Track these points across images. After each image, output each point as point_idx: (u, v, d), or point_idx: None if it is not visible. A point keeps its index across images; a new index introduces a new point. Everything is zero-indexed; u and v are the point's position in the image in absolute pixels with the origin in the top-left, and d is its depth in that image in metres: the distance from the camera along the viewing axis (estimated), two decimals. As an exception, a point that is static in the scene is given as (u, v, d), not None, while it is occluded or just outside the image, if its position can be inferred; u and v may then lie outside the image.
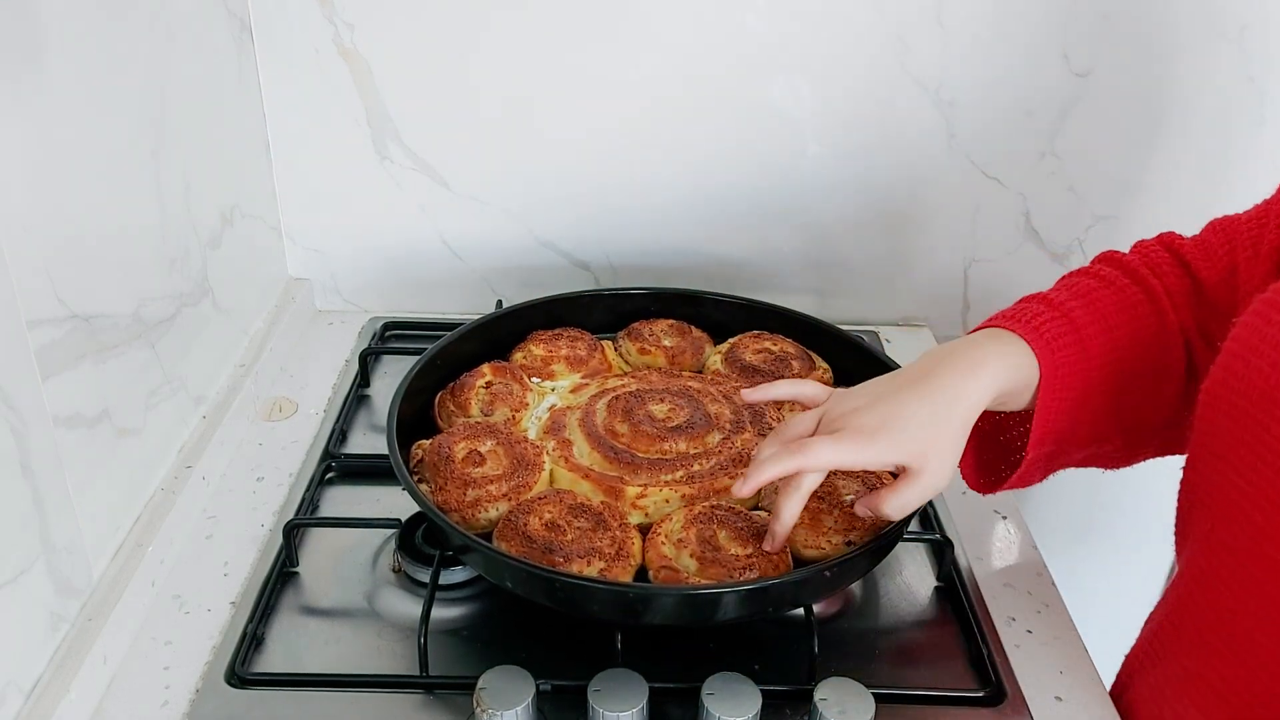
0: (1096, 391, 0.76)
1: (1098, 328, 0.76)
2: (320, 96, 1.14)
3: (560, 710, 0.74)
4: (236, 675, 0.77)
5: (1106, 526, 1.44)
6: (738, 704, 0.69)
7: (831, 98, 1.16)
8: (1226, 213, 0.81)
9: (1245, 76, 1.15)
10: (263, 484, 0.98)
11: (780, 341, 1.03)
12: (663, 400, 0.92)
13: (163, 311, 0.91)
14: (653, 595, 0.74)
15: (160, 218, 0.91)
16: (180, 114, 0.93)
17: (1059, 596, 0.89)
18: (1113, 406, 0.77)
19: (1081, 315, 0.76)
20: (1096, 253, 0.86)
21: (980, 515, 0.98)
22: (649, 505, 0.83)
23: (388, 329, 1.22)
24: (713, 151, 1.19)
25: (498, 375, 0.96)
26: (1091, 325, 0.75)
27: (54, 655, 0.74)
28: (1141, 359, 0.76)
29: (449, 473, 0.83)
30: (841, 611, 0.86)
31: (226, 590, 0.86)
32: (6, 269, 0.68)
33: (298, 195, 1.20)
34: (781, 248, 1.24)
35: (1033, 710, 0.77)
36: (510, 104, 1.15)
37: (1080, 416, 0.76)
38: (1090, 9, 1.11)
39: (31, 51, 0.71)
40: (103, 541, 0.82)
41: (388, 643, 0.81)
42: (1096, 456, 0.82)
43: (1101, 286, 0.78)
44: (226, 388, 1.04)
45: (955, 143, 1.18)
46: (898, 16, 1.11)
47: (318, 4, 1.10)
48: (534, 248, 1.24)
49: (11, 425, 0.68)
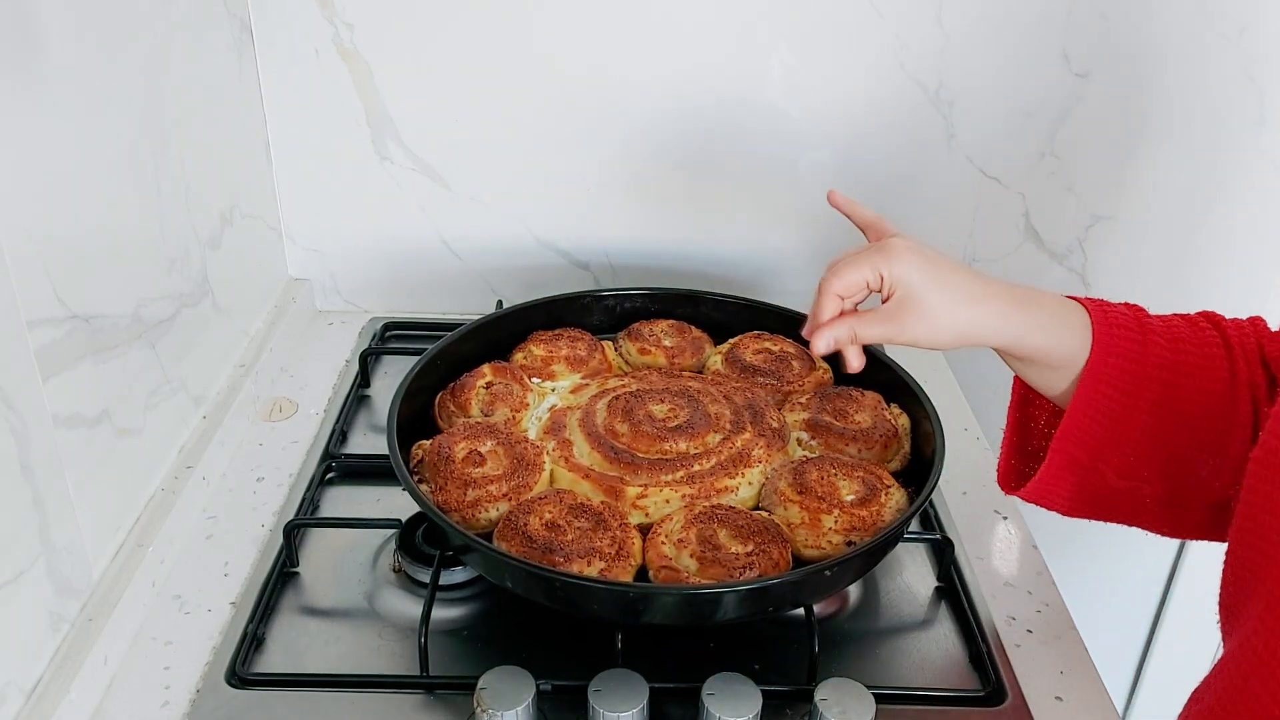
0: (1145, 406, 0.72)
1: (1164, 339, 0.73)
2: (320, 96, 1.14)
3: (560, 710, 0.74)
4: (237, 675, 0.77)
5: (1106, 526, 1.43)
6: (738, 704, 0.69)
7: (832, 98, 1.16)
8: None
9: (1245, 76, 1.15)
10: (263, 484, 0.98)
11: (780, 341, 1.03)
12: (663, 400, 0.92)
13: (163, 312, 0.91)
14: (653, 595, 0.74)
15: (160, 218, 0.91)
16: (180, 114, 0.93)
17: (1059, 596, 0.89)
18: (1159, 435, 0.73)
19: (1154, 324, 0.74)
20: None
21: (980, 515, 0.98)
22: (649, 505, 0.83)
23: (388, 329, 1.22)
24: (712, 151, 1.19)
25: (498, 375, 0.96)
26: (1159, 336, 0.73)
27: (54, 655, 0.74)
28: (1203, 399, 0.72)
29: (449, 473, 0.83)
30: (841, 611, 0.86)
31: (227, 590, 0.86)
32: (6, 269, 0.68)
33: (298, 195, 1.20)
34: (781, 248, 1.24)
35: (1033, 710, 0.77)
36: (510, 104, 1.15)
37: (1121, 428, 0.73)
38: (1090, 9, 1.11)
39: (31, 51, 0.72)
40: (103, 541, 0.82)
41: (388, 643, 0.81)
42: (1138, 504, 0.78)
43: (1182, 319, 0.76)
44: (226, 388, 1.04)
45: (955, 143, 1.18)
46: (898, 17, 1.11)
47: (318, 4, 1.10)
48: (534, 248, 1.24)
49: (11, 425, 0.68)
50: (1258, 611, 0.63)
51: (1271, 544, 0.62)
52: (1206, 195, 1.21)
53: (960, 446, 1.06)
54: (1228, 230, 1.23)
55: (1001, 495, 1.00)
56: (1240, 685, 0.65)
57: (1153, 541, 1.44)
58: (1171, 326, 0.75)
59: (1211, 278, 1.26)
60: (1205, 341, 0.74)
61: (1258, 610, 0.63)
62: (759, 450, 0.88)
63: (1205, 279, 1.26)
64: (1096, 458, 0.75)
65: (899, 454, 0.91)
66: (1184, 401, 0.73)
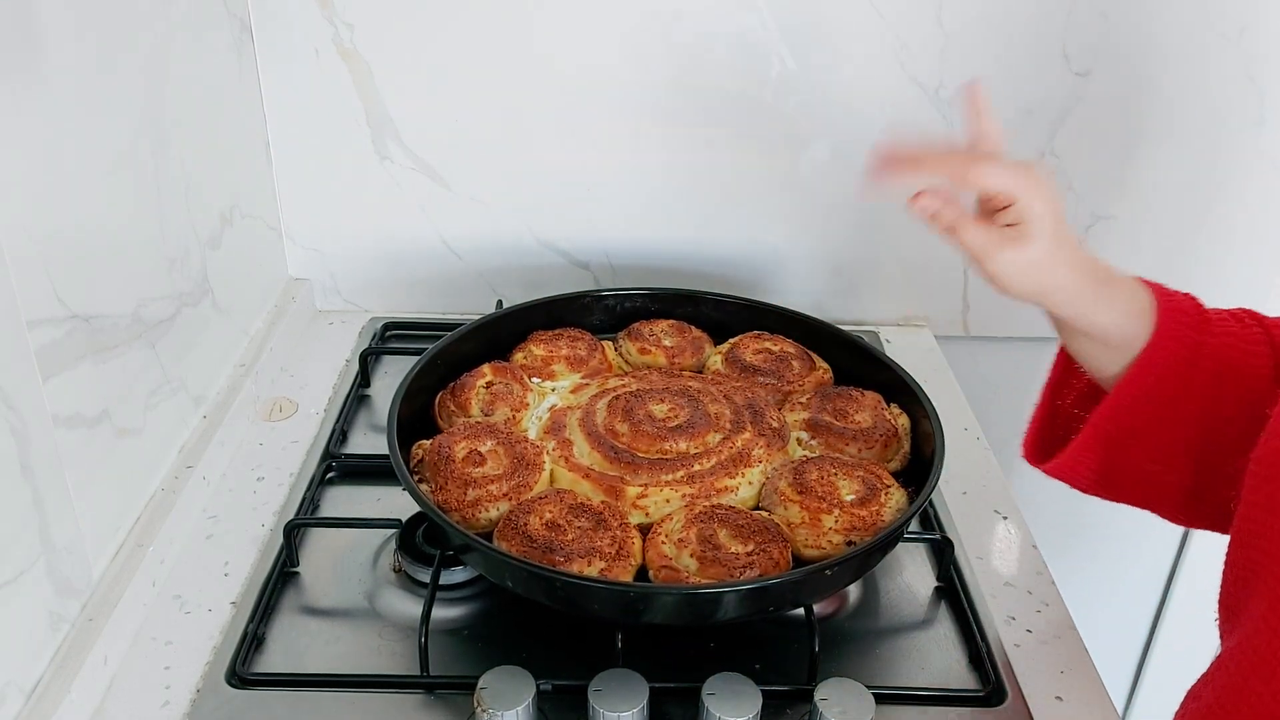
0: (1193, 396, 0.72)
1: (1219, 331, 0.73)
2: (320, 96, 1.14)
3: (560, 710, 0.74)
4: (237, 675, 0.77)
5: (1106, 526, 1.44)
6: (738, 704, 0.69)
7: (832, 98, 1.16)
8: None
9: (1245, 76, 1.15)
10: (263, 484, 0.98)
11: (780, 341, 1.03)
12: (663, 400, 0.92)
13: (163, 311, 0.91)
14: (653, 595, 0.74)
15: (160, 218, 0.91)
16: (180, 114, 0.93)
17: (1059, 596, 0.89)
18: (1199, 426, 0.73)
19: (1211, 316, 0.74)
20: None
21: (980, 515, 0.98)
22: (649, 505, 0.83)
23: (388, 329, 1.22)
24: (713, 152, 1.19)
25: (498, 375, 0.96)
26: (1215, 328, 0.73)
27: (54, 655, 0.74)
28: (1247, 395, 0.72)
29: (449, 472, 0.83)
30: (841, 611, 0.86)
31: (227, 590, 0.86)
32: (6, 269, 0.67)
33: (298, 195, 1.20)
34: (781, 247, 1.24)
35: (1033, 710, 0.77)
36: (510, 104, 1.15)
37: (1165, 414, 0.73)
38: (1090, 9, 1.11)
39: (31, 51, 0.71)
40: (103, 541, 0.82)
41: (388, 643, 0.81)
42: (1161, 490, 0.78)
43: (1229, 314, 0.76)
44: (226, 388, 1.04)
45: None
46: (898, 16, 1.11)
47: (318, 4, 1.10)
48: (534, 248, 1.24)
49: (11, 425, 0.68)
50: (1260, 611, 0.64)
51: (1273, 544, 0.62)
52: (1206, 195, 1.21)
53: (960, 446, 1.06)
54: (1228, 230, 1.23)
55: (1002, 495, 1.00)
56: (1240, 684, 0.65)
57: (1153, 541, 1.45)
58: (1224, 321, 0.75)
59: (1212, 278, 1.26)
60: (1252, 339, 0.74)
61: (1260, 610, 0.64)
62: (759, 450, 0.88)
63: (1205, 279, 1.25)
64: (1132, 437, 0.75)
65: (899, 454, 0.91)
66: (1229, 396, 0.73)
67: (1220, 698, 0.67)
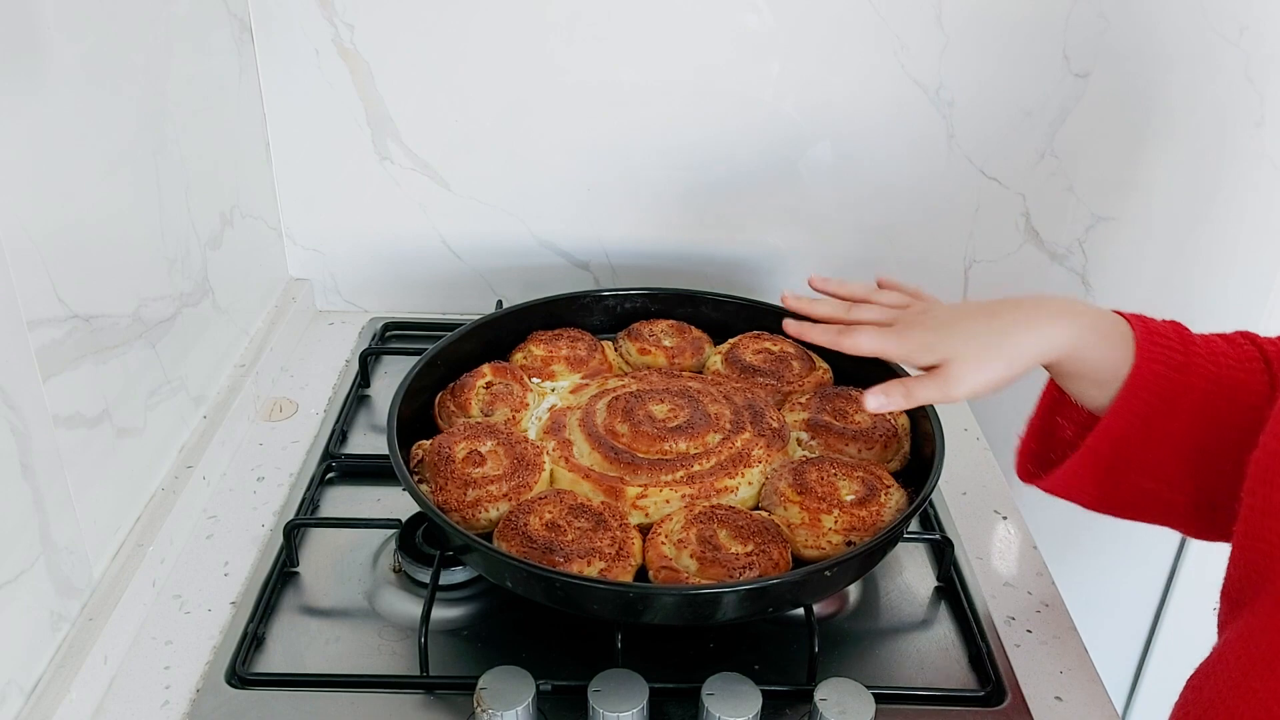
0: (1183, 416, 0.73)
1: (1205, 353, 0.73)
2: (320, 96, 1.14)
3: (560, 710, 0.74)
4: (237, 675, 0.77)
5: (1106, 526, 1.44)
6: (738, 704, 0.69)
7: (831, 98, 1.16)
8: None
9: (1245, 77, 1.15)
10: (263, 484, 0.98)
11: (780, 341, 1.03)
12: (663, 400, 0.92)
13: (163, 312, 0.91)
14: (653, 595, 0.74)
15: (160, 218, 0.91)
16: (180, 114, 0.93)
17: (1059, 596, 0.89)
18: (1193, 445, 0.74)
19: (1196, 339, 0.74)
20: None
21: (980, 515, 0.98)
22: (649, 505, 0.83)
23: (388, 329, 1.22)
24: (712, 152, 1.19)
25: (498, 375, 0.96)
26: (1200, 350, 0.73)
27: (54, 655, 0.74)
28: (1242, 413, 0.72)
29: (449, 473, 0.83)
30: (841, 611, 0.86)
31: (227, 590, 0.86)
32: (6, 269, 0.68)
33: (298, 195, 1.20)
34: (781, 248, 1.24)
35: (1033, 710, 0.77)
36: (510, 104, 1.15)
37: (1155, 434, 0.73)
38: (1090, 9, 1.11)
39: (31, 51, 0.72)
40: (103, 541, 0.82)
41: (388, 643, 0.81)
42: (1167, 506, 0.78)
43: (1220, 337, 0.76)
44: (227, 388, 1.04)
45: (955, 143, 1.18)
46: (897, 17, 1.11)
47: (318, 4, 1.10)
48: (534, 248, 1.24)
49: (12, 425, 0.68)
50: (1265, 608, 0.64)
51: (1274, 545, 0.62)
52: (1206, 195, 1.21)
53: (960, 446, 1.06)
54: (1228, 230, 1.23)
55: (1001, 495, 1.00)
56: (1240, 681, 0.66)
57: (1153, 541, 1.45)
58: (1211, 342, 0.75)
59: (1211, 278, 1.26)
60: (1245, 357, 0.74)
61: (1265, 607, 0.64)
62: (759, 450, 0.88)
63: (1205, 279, 1.26)
64: (1126, 461, 0.75)
65: (899, 454, 0.91)
66: (1222, 415, 0.73)
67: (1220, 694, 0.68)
